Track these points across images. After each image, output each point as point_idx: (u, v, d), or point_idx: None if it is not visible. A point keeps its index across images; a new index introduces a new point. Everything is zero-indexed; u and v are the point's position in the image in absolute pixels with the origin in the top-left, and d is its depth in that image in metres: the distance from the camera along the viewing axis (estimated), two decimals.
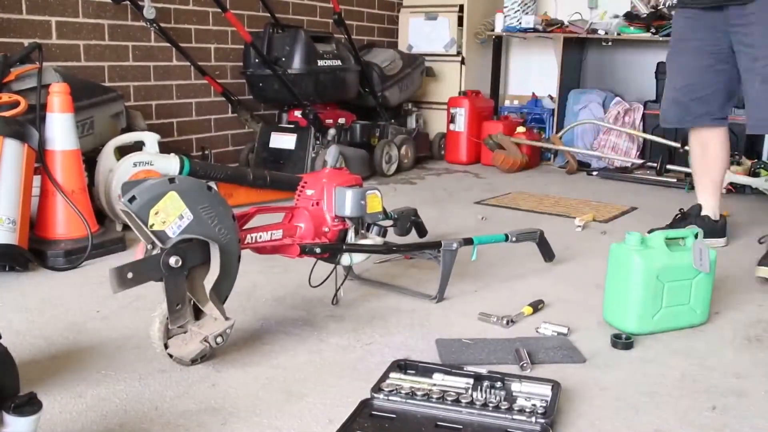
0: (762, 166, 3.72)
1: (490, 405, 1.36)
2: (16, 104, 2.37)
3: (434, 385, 1.45)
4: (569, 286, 2.23)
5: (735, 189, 3.76)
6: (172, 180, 1.47)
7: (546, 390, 1.43)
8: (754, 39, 2.42)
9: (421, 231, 2.51)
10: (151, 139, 2.85)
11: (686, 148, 3.39)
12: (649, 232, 2.10)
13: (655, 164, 4.17)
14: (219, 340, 1.51)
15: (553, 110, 4.84)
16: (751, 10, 2.40)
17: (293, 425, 1.35)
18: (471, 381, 1.46)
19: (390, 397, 1.39)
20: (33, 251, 2.29)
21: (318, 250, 1.80)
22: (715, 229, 2.71)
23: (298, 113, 3.88)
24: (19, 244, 2.22)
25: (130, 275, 1.41)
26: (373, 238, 1.96)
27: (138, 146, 2.85)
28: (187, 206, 1.47)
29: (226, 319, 1.54)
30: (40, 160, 2.36)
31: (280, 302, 2.04)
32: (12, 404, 1.01)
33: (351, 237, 1.91)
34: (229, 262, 1.56)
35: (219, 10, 3.52)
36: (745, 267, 2.43)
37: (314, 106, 3.81)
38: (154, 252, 1.47)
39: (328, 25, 4.54)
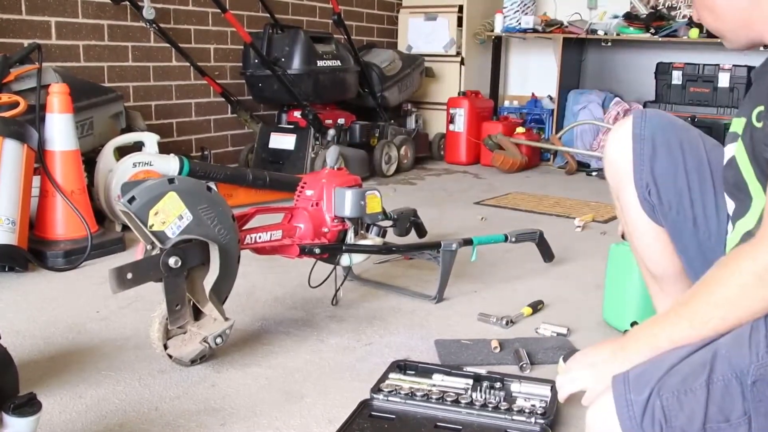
0: None
1: (490, 405, 1.36)
2: (16, 104, 2.37)
3: (434, 385, 1.45)
4: (569, 286, 2.23)
5: None
6: (171, 180, 1.47)
7: (545, 390, 1.43)
8: None
9: (421, 231, 2.51)
10: (150, 140, 2.85)
11: None
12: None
13: None
14: (218, 340, 1.51)
15: (553, 110, 4.84)
16: None
17: (293, 425, 1.35)
18: (470, 381, 1.46)
19: (389, 398, 1.39)
20: (32, 251, 2.29)
21: (317, 251, 1.80)
22: None
23: (297, 114, 3.87)
24: (19, 244, 2.22)
25: (129, 276, 1.41)
26: (372, 239, 1.96)
27: (137, 147, 2.85)
28: (187, 207, 1.47)
29: (226, 319, 1.54)
30: (39, 161, 2.36)
31: (280, 303, 2.04)
32: (12, 405, 1.01)
33: (350, 237, 1.91)
34: (228, 263, 1.56)
35: (218, 10, 3.51)
36: None
37: (314, 107, 3.80)
38: (154, 252, 1.47)
39: (327, 26, 4.53)
